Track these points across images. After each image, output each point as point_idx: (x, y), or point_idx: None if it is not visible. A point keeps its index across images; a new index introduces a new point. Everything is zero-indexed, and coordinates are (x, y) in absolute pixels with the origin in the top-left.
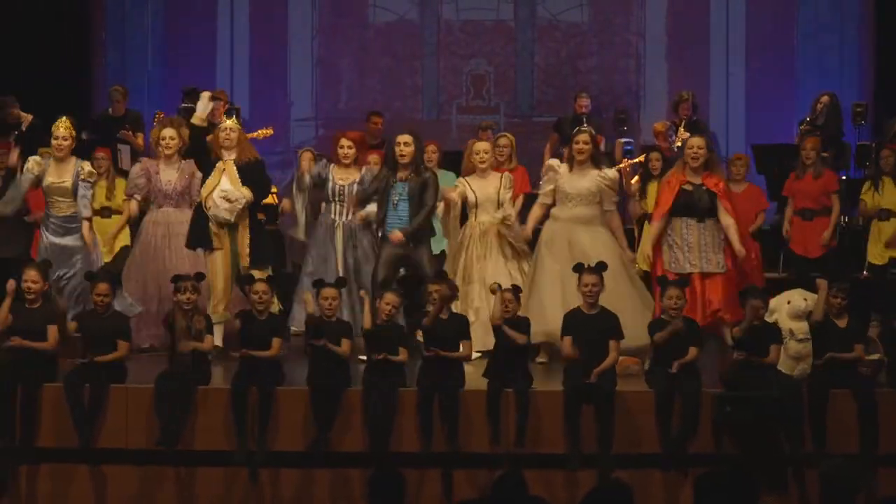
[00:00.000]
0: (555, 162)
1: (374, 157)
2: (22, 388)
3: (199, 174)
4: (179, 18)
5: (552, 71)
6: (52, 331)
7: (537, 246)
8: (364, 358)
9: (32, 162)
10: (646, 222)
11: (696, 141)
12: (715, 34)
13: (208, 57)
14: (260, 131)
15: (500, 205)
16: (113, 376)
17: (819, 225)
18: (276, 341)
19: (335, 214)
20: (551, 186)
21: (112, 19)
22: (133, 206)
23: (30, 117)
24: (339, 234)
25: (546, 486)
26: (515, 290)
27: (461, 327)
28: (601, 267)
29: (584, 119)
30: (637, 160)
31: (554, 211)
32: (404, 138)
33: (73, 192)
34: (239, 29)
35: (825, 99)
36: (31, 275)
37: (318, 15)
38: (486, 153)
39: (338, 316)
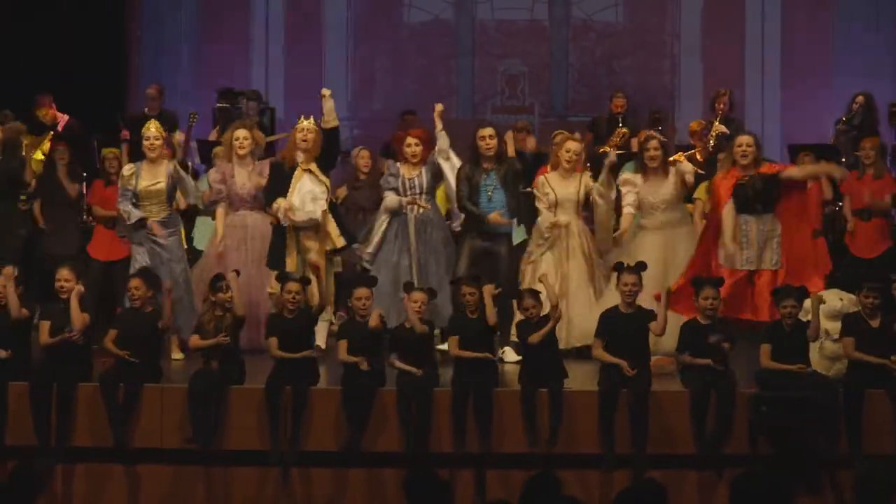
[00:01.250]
0: (629, 175)
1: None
2: (57, 387)
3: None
4: (214, 19)
5: (587, 71)
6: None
7: (619, 255)
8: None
9: (126, 171)
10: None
11: (746, 138)
12: (750, 34)
13: (243, 57)
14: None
15: (579, 207)
16: (148, 376)
17: (876, 225)
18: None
19: (406, 209)
20: (634, 197)
21: (148, 20)
22: (220, 212)
23: (66, 117)
24: (411, 229)
25: (580, 485)
26: (534, 293)
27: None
28: (640, 267)
29: (620, 119)
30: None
31: (642, 222)
32: (488, 131)
33: (168, 196)
34: (274, 29)
35: (861, 98)
36: (63, 273)
37: (353, 15)
38: (575, 154)
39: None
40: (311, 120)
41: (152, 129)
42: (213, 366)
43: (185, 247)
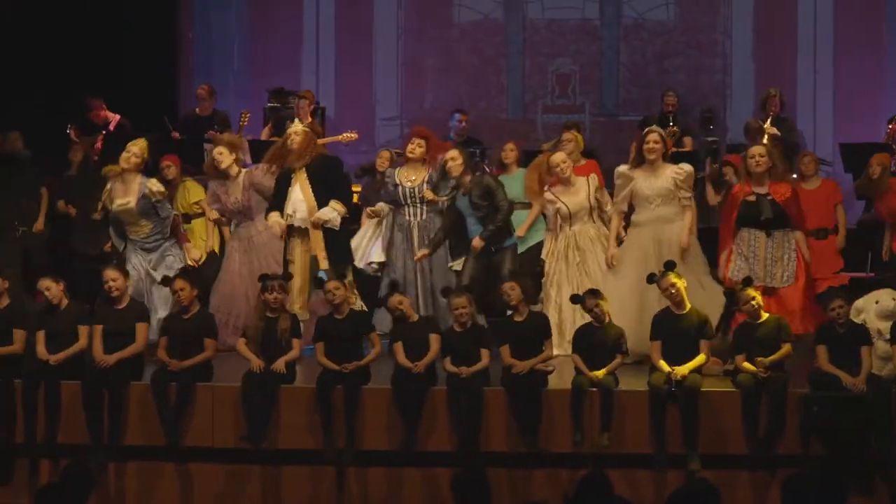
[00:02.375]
0: (624, 168)
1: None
2: (110, 387)
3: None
4: (265, 19)
5: (637, 70)
6: (142, 329)
7: (619, 258)
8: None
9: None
10: None
11: (757, 149)
12: (802, 32)
13: (294, 57)
14: (345, 135)
15: (592, 210)
16: (199, 375)
17: None
18: (373, 337)
19: (409, 215)
20: (626, 192)
21: (198, 20)
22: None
23: (117, 117)
24: (415, 235)
25: (631, 486)
26: (594, 292)
27: (542, 326)
28: (670, 265)
29: (671, 118)
30: None
31: (634, 217)
32: (452, 154)
33: (141, 213)
34: (324, 28)
35: None
36: (110, 274)
37: (403, 14)
38: (563, 163)
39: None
40: (296, 123)
41: (136, 147)
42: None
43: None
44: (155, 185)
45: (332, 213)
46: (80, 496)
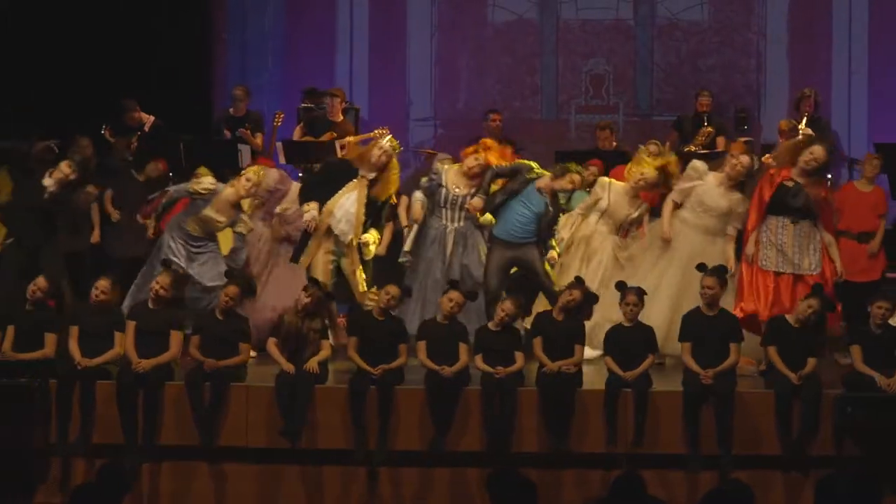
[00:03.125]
0: (703, 166)
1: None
2: (144, 387)
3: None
4: (299, 19)
5: (672, 70)
6: (176, 337)
7: (648, 242)
8: None
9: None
10: None
11: (820, 151)
12: (837, 32)
13: (328, 57)
14: (376, 131)
15: (621, 228)
16: (233, 375)
17: None
18: (401, 348)
19: (446, 220)
20: (689, 186)
21: (233, 20)
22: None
23: (151, 118)
24: (449, 242)
25: (665, 486)
26: (637, 289)
27: (577, 330)
28: (721, 270)
29: (705, 118)
30: None
31: (684, 213)
32: (471, 150)
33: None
34: (358, 29)
35: None
36: (163, 280)
37: (437, 14)
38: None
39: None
40: (391, 141)
41: (206, 181)
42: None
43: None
44: (246, 224)
45: (368, 241)
46: (115, 496)
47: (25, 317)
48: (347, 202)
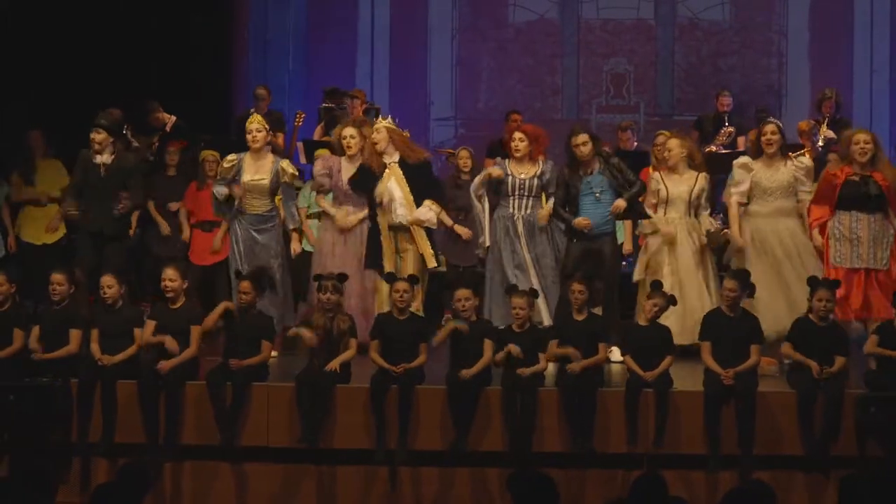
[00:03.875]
0: (745, 159)
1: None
2: (166, 386)
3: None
4: (320, 19)
5: (692, 69)
6: (196, 332)
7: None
8: None
9: (225, 162)
10: None
11: (863, 136)
12: (858, 31)
13: (349, 57)
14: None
15: (690, 206)
16: (255, 374)
17: None
18: (422, 347)
19: (513, 208)
20: (747, 184)
21: (254, 20)
22: (323, 202)
23: (173, 118)
24: (520, 227)
25: (686, 486)
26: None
27: (600, 329)
28: (744, 274)
29: (726, 118)
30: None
31: (753, 207)
32: (581, 138)
33: (271, 192)
34: (379, 28)
35: None
36: (168, 273)
37: (458, 14)
38: (671, 150)
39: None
40: (388, 120)
41: (255, 122)
42: (318, 364)
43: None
44: (289, 166)
45: (430, 212)
46: (136, 496)
47: (49, 315)
48: (391, 190)
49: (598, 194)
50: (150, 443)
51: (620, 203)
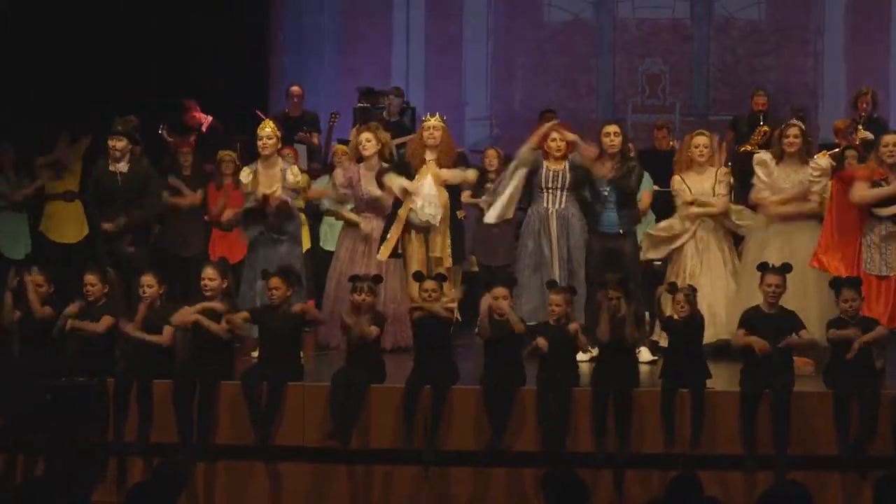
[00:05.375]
0: (765, 156)
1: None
2: (200, 385)
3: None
4: (355, 19)
5: (728, 69)
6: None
7: (748, 247)
8: None
9: (243, 177)
10: None
11: (892, 138)
12: (895, 30)
13: (384, 57)
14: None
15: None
16: (290, 374)
17: None
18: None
19: (547, 203)
20: (767, 181)
21: (289, 21)
22: (348, 215)
23: (209, 118)
24: (553, 223)
25: (721, 486)
26: (692, 289)
27: (697, 338)
28: (786, 268)
29: (761, 117)
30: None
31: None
32: (612, 128)
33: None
34: (414, 28)
35: None
36: (208, 272)
37: (493, 14)
38: (705, 147)
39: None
40: (438, 117)
41: (267, 128)
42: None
43: (309, 246)
44: (295, 173)
45: (471, 173)
46: (171, 495)
47: (87, 314)
48: (424, 188)
49: (605, 193)
50: (184, 442)
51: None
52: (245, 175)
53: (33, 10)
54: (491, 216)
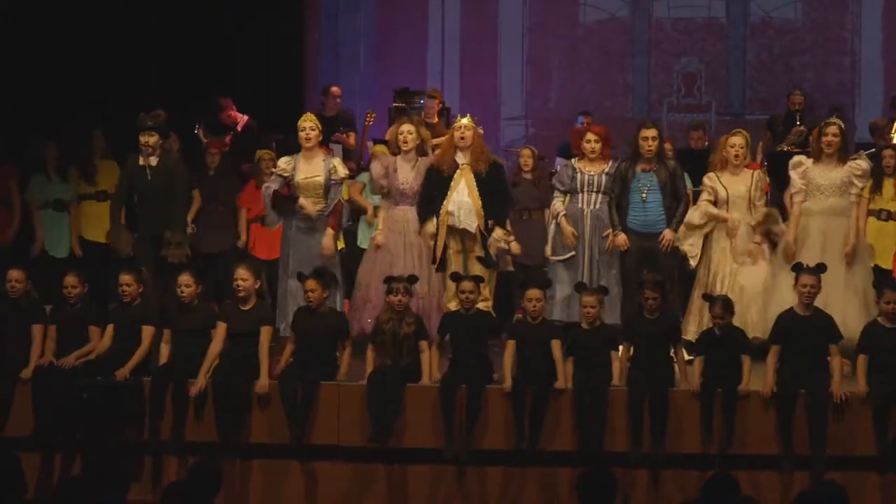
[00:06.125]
0: (800, 158)
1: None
2: (236, 385)
3: None
4: (391, 19)
5: (764, 68)
6: (266, 332)
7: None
8: None
9: (282, 162)
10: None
11: None
12: None
13: (419, 57)
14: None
15: (751, 203)
16: (326, 373)
17: None
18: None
19: (582, 203)
20: (804, 181)
21: (325, 21)
22: (382, 207)
23: (245, 118)
24: (587, 224)
25: (757, 487)
26: (727, 303)
27: (672, 330)
28: (820, 269)
29: (797, 116)
30: None
31: (805, 204)
32: (651, 132)
33: (325, 190)
34: (450, 28)
35: None
36: (240, 273)
37: (528, 14)
38: (740, 147)
39: (544, 316)
40: (469, 117)
41: (308, 120)
42: (386, 364)
43: (343, 247)
44: (340, 165)
45: (501, 243)
46: (207, 494)
47: (121, 314)
48: (460, 195)
49: (644, 194)
50: (221, 441)
51: (669, 236)
52: (285, 161)
53: (72, 11)
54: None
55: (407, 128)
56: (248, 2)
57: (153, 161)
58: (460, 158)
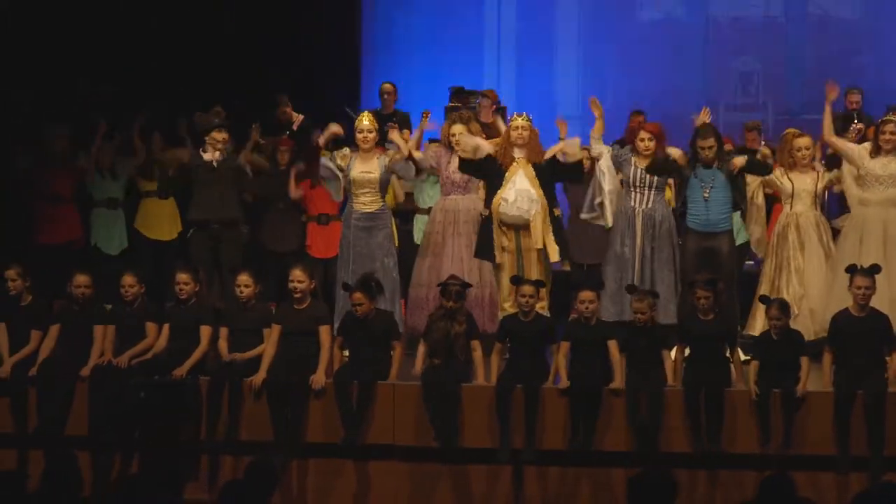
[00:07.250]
0: (864, 147)
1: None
2: (293, 385)
3: None
4: (446, 18)
5: (822, 68)
6: (325, 332)
7: (844, 233)
8: None
9: (339, 154)
10: None
11: None
12: None
13: (475, 56)
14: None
15: (816, 199)
16: (381, 373)
17: None
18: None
19: (635, 202)
20: (857, 154)
21: (380, 19)
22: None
23: (301, 117)
24: (638, 222)
25: (814, 488)
26: (783, 305)
27: (728, 331)
28: (875, 269)
29: (855, 116)
30: None
31: (863, 195)
32: (708, 143)
33: (381, 187)
34: (506, 27)
35: None
36: (296, 274)
37: (584, 13)
38: (807, 149)
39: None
40: (525, 116)
41: (365, 121)
42: (437, 364)
43: (397, 244)
44: (392, 153)
45: (574, 146)
46: (264, 493)
47: (178, 313)
48: (517, 185)
49: (706, 193)
50: (276, 440)
51: (739, 160)
52: (342, 155)
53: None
54: (609, 221)
55: (458, 129)
56: (303, 1)
57: (218, 156)
58: (517, 153)
